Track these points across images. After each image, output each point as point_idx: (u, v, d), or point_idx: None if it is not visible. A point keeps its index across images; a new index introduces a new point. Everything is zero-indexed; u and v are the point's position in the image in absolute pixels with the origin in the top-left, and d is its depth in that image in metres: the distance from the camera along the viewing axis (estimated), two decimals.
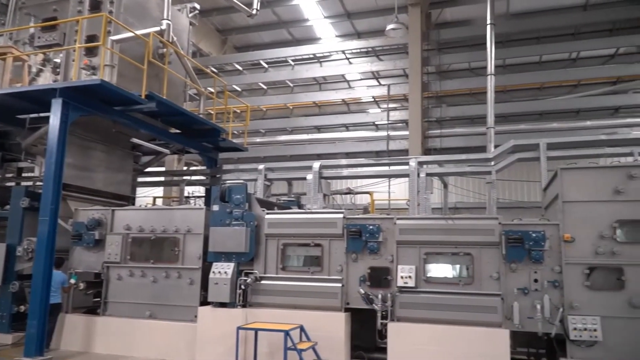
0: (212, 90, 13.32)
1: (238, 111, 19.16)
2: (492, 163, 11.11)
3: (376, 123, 21.11)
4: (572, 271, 7.11)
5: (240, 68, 22.38)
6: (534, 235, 7.23)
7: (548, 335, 7.09)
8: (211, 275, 8.52)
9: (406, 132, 18.47)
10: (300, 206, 12.88)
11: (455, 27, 19.23)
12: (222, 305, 8.44)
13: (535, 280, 7.24)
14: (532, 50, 18.48)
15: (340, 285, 8.08)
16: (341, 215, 8.32)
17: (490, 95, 13.21)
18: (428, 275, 7.78)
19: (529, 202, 19.37)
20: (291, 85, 22.71)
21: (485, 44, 14.03)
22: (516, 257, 7.32)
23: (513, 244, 7.29)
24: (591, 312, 6.90)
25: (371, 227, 8.01)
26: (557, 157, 10.52)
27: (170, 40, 10.74)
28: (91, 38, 9.90)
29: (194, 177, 14.53)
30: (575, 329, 6.82)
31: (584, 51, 18.34)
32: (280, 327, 7.41)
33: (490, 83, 13.33)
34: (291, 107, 22.57)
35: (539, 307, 7.04)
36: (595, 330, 6.76)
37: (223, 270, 8.47)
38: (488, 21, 13.85)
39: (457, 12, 19.17)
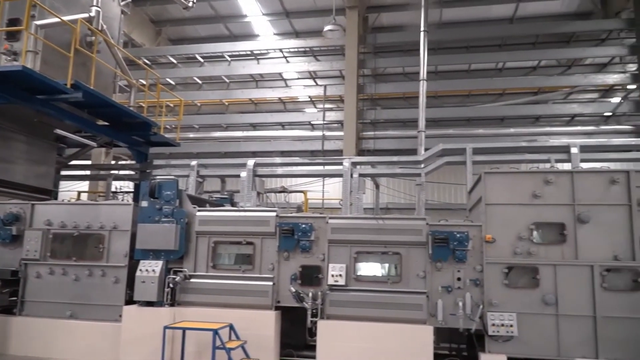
0: (144, 82, 12.88)
1: (171, 105, 18.63)
2: (422, 165, 11.47)
3: (312, 123, 21.25)
4: (492, 270, 7.50)
5: (174, 61, 21.78)
6: (458, 235, 7.56)
7: (469, 331, 7.43)
8: (138, 273, 8.25)
9: (341, 133, 18.74)
10: (233, 204, 12.74)
11: (391, 32, 19.72)
12: (149, 304, 8.19)
13: (459, 279, 7.58)
14: (462, 58, 19.32)
15: (271, 283, 8.08)
16: (274, 214, 8.32)
17: (422, 100, 13.65)
18: (358, 273, 7.93)
19: (456, 204, 20.19)
20: (227, 81, 22.38)
21: (418, 50, 14.48)
22: (441, 256, 7.63)
23: (439, 244, 7.59)
24: (508, 309, 7.31)
25: (304, 225, 8.07)
26: (482, 162, 11.02)
27: (100, 28, 10.28)
28: (13, 22, 9.30)
29: (122, 172, 13.97)
30: (493, 324, 7.20)
31: (509, 62, 19.37)
32: (208, 326, 7.30)
33: (422, 88, 13.77)
34: (226, 104, 22.26)
35: (461, 304, 7.37)
36: (511, 325, 7.17)
37: (151, 268, 8.23)
38: (422, 28, 14.30)
39: (393, 18, 19.68)
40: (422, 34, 14.25)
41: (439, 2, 18.20)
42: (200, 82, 22.53)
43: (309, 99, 21.93)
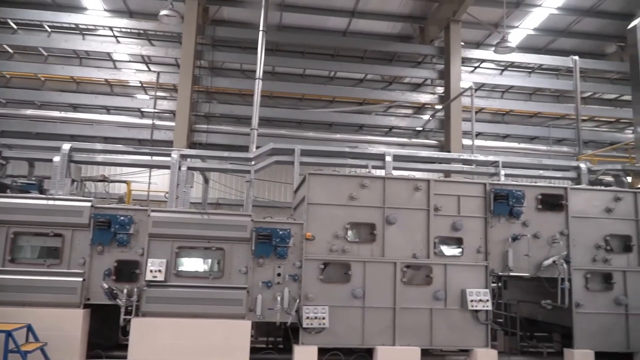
0: None
1: None
2: (252, 163, 11.61)
3: (142, 110, 20.09)
4: (310, 266, 7.94)
5: None
6: (281, 232, 7.83)
7: (285, 324, 7.76)
8: None
9: (172, 123, 18.04)
10: (42, 191, 11.41)
11: (231, 26, 19.58)
12: None
13: (279, 274, 7.86)
14: (297, 63, 20.04)
15: (80, 279, 7.46)
16: (89, 204, 7.69)
17: (257, 99, 13.81)
18: (179, 269, 7.74)
19: (285, 202, 20.85)
20: (45, 54, 19.97)
21: (257, 48, 14.63)
22: (264, 252, 7.83)
23: (262, 240, 7.78)
24: (322, 303, 7.81)
25: (122, 218, 7.61)
26: (309, 163, 11.57)
27: None
28: None
29: None
30: (307, 317, 7.63)
31: (340, 72, 20.62)
32: (1, 327, 6.46)
33: (258, 87, 13.93)
34: (43, 79, 19.86)
35: (279, 298, 7.66)
36: (323, 318, 7.67)
37: None
38: (261, 28, 14.47)
39: (234, 13, 19.56)
40: (260, 33, 14.43)
41: (280, 5, 18.63)
42: (11, 51, 19.71)
43: (140, 85, 20.68)
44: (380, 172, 10.75)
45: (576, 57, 18.61)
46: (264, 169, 11.65)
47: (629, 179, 12.78)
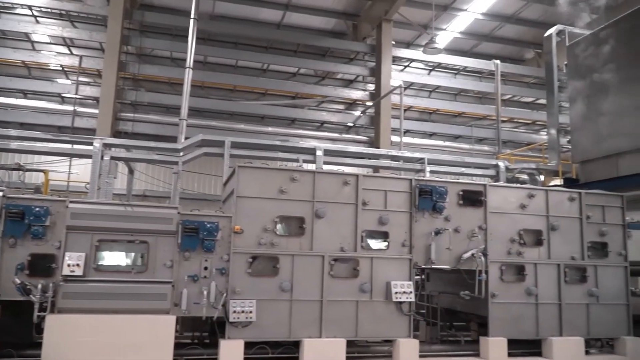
0: None
1: None
2: (181, 154, 11.34)
3: (62, 95, 19.02)
4: (238, 259, 7.86)
5: None
6: (208, 225, 7.68)
7: (211, 319, 7.65)
8: None
9: (96, 111, 17.25)
10: None
11: (161, 12, 18.93)
12: None
13: (205, 268, 7.71)
14: (230, 53, 19.72)
15: None
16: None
17: (187, 88, 13.46)
18: (99, 263, 7.40)
19: (215, 195, 20.50)
20: None
21: (187, 36, 14.24)
22: (190, 246, 7.65)
23: (189, 234, 7.60)
24: (249, 296, 7.75)
25: (37, 209, 7.16)
26: (240, 156, 11.46)
27: None
28: None
29: None
30: (234, 311, 7.56)
31: (273, 65, 20.52)
32: None
33: (188, 76, 13.59)
34: None
35: (205, 293, 7.53)
36: (250, 312, 7.62)
37: None
38: (192, 15, 14.11)
39: None
40: (191, 21, 14.06)
41: None
42: None
43: (61, 68, 19.55)
44: (311, 167, 10.82)
45: (498, 61, 19.63)
46: (192, 160, 11.41)
47: (542, 177, 13.71)
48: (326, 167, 10.88)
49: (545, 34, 14.61)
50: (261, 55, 19.98)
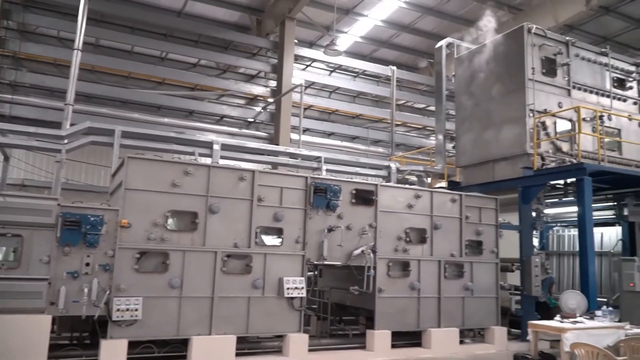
0: None
1: None
2: (65, 141, 10.55)
3: None
4: (125, 255, 7.51)
5: None
6: (92, 219, 7.25)
7: (92, 318, 7.22)
8: None
9: None
10: None
11: None
12: None
13: (87, 264, 7.28)
14: (125, 38, 18.61)
15: None
16: None
17: (74, 71, 12.49)
18: None
19: (104, 187, 19.30)
20: None
21: (77, 15, 13.24)
22: (71, 240, 7.17)
23: (69, 227, 7.12)
24: (136, 294, 7.44)
25: None
26: (132, 147, 10.90)
27: None
28: None
29: None
30: (118, 310, 7.21)
31: (172, 53, 19.74)
32: None
33: (76, 58, 12.62)
34: None
35: (86, 290, 7.10)
36: (136, 310, 7.32)
37: None
38: None
39: None
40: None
41: None
42: None
43: None
44: (208, 161, 10.61)
45: (394, 68, 20.57)
46: (78, 148, 10.66)
47: (429, 179, 14.59)
48: (224, 162, 10.71)
49: (437, 46, 15.54)
50: (160, 42, 19.09)
